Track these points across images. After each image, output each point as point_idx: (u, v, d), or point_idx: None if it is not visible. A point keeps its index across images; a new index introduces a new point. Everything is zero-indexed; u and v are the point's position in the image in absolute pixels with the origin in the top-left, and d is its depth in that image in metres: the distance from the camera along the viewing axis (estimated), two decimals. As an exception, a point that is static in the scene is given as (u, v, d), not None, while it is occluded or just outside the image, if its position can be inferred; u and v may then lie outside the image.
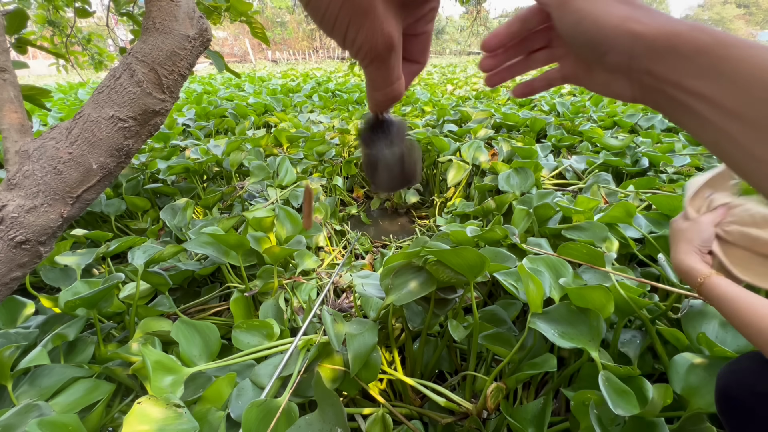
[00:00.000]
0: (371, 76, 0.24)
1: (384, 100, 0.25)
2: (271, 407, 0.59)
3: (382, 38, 0.21)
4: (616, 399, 0.55)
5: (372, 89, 0.25)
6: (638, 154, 1.65)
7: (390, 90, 0.24)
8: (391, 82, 0.24)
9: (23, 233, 0.68)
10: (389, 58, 0.22)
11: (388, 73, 0.23)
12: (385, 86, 0.24)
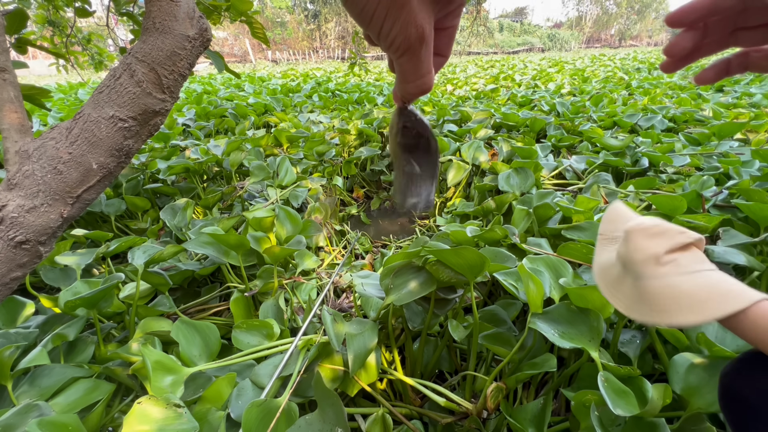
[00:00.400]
0: (403, 67, 0.24)
1: (415, 92, 0.26)
2: (271, 407, 0.59)
3: (415, 30, 0.22)
4: (616, 399, 0.55)
5: (403, 81, 0.25)
6: (638, 154, 1.65)
7: (421, 82, 0.25)
8: (422, 75, 0.24)
9: (23, 233, 0.68)
10: (421, 50, 0.23)
11: (420, 65, 0.24)
12: (416, 78, 0.25)
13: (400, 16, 0.21)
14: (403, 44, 0.22)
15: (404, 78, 0.25)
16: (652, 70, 6.29)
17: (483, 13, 4.72)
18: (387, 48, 0.23)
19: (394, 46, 0.23)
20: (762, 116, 2.21)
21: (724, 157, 1.52)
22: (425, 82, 0.25)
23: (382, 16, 0.21)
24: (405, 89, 0.26)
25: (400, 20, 0.21)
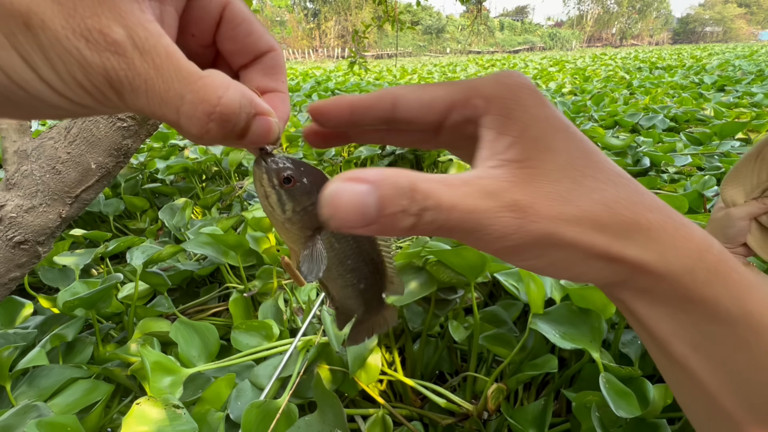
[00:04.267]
0: (135, 82, 0.14)
1: (203, 121, 0.15)
2: (270, 408, 0.59)
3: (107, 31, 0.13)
4: (617, 400, 0.55)
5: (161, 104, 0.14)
6: (639, 153, 1.65)
7: (199, 91, 0.14)
8: (190, 80, 0.14)
9: (22, 233, 0.67)
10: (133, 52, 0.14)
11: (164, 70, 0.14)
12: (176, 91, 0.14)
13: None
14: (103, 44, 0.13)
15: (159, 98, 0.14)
16: (653, 69, 6.28)
17: (484, 11, 4.70)
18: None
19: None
20: (763, 116, 2.21)
21: (725, 157, 1.52)
22: (207, 91, 0.14)
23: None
24: (186, 121, 0.14)
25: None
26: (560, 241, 0.15)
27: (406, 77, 6.61)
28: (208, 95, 0.14)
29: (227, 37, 0.18)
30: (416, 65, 11.53)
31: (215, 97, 0.14)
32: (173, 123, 0.14)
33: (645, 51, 17.72)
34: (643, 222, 0.15)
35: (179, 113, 0.14)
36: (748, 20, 61.12)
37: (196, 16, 0.17)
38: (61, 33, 0.12)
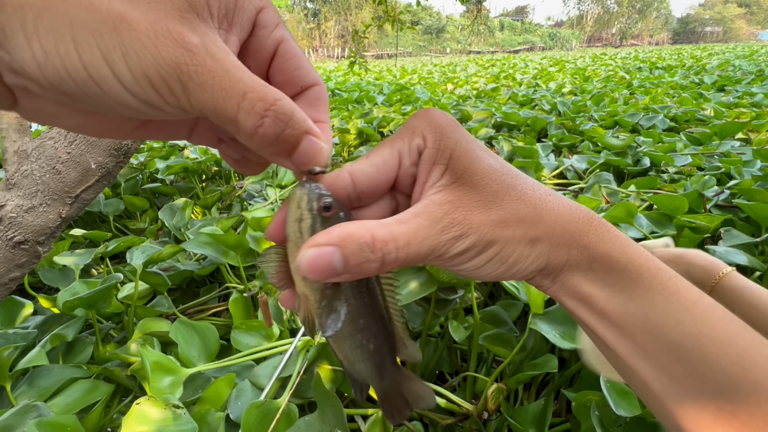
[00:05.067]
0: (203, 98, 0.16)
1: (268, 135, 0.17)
2: (270, 408, 0.59)
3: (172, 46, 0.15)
4: (618, 400, 0.55)
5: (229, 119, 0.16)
6: (639, 153, 1.65)
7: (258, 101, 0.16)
8: (240, 91, 0.16)
9: (22, 233, 0.67)
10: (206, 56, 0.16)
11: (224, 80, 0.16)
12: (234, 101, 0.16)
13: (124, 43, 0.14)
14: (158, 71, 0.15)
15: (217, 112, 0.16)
16: (653, 69, 6.28)
17: (484, 11, 4.71)
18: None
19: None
20: (763, 116, 2.21)
21: (725, 157, 1.52)
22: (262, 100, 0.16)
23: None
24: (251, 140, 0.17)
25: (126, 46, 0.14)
26: (494, 239, 0.19)
27: (406, 77, 6.61)
28: (268, 95, 0.16)
29: (279, 69, 0.20)
30: (416, 65, 11.53)
31: (273, 98, 0.16)
32: (231, 118, 0.16)
33: (645, 51, 17.72)
34: (546, 205, 0.20)
35: (239, 107, 0.16)
36: (748, 20, 61.10)
37: (255, 48, 0.19)
38: (144, 34, 0.14)
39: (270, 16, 0.19)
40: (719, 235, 0.94)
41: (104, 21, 0.14)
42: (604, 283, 0.20)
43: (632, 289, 0.20)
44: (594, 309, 0.20)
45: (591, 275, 0.20)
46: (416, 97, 3.62)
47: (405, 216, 0.19)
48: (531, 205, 0.20)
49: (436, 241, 0.18)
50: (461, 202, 0.19)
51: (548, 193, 0.21)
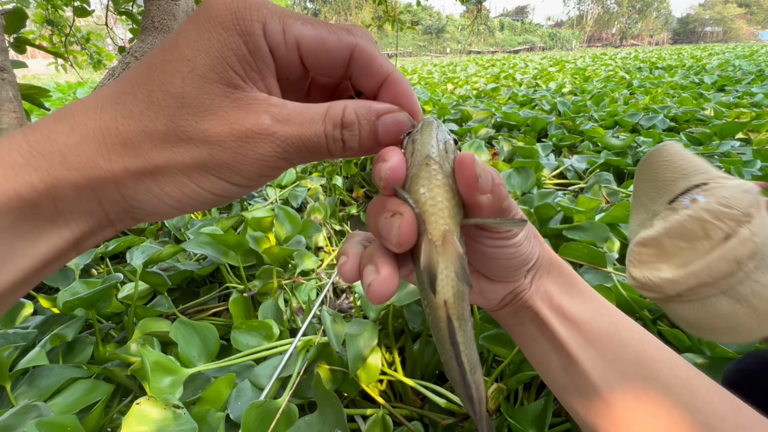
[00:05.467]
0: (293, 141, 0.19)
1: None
2: (270, 408, 0.59)
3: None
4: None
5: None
6: (640, 153, 1.65)
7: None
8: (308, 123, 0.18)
9: (21, 233, 0.67)
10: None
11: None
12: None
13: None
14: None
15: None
16: (653, 69, 6.28)
17: (484, 11, 4.71)
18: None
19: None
20: (763, 116, 2.21)
21: (725, 157, 1.52)
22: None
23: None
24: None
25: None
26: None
27: (406, 77, 6.60)
28: (335, 115, 0.18)
29: (359, 74, 0.21)
30: (416, 65, 11.53)
31: (338, 116, 0.18)
32: (318, 135, 0.18)
33: (645, 51, 17.72)
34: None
35: (325, 129, 0.18)
36: (748, 20, 61.09)
37: (330, 65, 0.20)
38: (233, 147, 0.17)
39: (365, 51, 0.20)
40: (719, 235, 0.94)
41: (201, 155, 0.17)
42: (558, 287, 0.25)
43: (580, 294, 0.25)
44: (563, 314, 0.24)
45: (552, 278, 0.25)
46: (416, 96, 3.62)
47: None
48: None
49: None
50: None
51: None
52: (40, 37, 2.21)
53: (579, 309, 0.24)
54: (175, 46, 0.16)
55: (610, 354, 0.22)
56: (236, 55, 0.16)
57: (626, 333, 0.23)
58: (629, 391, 0.22)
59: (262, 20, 0.16)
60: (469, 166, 0.18)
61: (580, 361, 0.23)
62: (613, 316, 0.24)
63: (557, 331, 0.23)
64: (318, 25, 0.18)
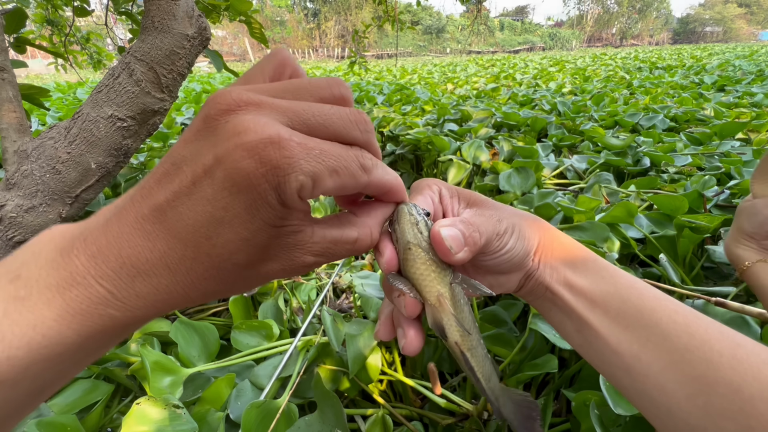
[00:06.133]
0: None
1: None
2: (270, 408, 0.59)
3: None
4: (617, 399, 0.55)
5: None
6: (639, 153, 1.65)
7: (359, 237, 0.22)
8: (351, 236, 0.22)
9: (21, 233, 0.67)
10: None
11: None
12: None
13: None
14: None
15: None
16: (653, 69, 6.28)
17: (484, 11, 4.70)
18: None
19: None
20: (763, 116, 2.21)
21: (725, 157, 1.52)
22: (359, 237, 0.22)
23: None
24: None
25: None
26: (514, 223, 0.28)
27: (406, 77, 6.61)
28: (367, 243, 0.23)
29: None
30: (416, 65, 11.53)
31: (351, 239, 0.22)
32: (353, 238, 0.22)
33: (645, 51, 17.72)
34: (518, 209, 0.30)
35: (357, 239, 0.22)
36: (748, 20, 61.05)
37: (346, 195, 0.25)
38: (285, 277, 0.21)
39: (380, 185, 0.22)
40: (719, 235, 0.94)
41: (259, 282, 0.20)
42: (562, 261, 0.29)
43: (583, 264, 0.28)
44: (569, 284, 0.28)
45: (556, 254, 0.29)
46: (416, 97, 3.62)
47: (465, 215, 0.27)
48: (514, 210, 0.30)
49: (491, 223, 0.26)
50: (482, 209, 0.28)
51: (516, 209, 0.31)
52: (40, 37, 2.20)
53: (582, 277, 0.28)
54: (228, 224, 0.17)
55: (613, 311, 0.26)
56: (278, 218, 0.18)
57: (626, 290, 0.26)
58: (634, 340, 0.25)
59: (297, 187, 0.17)
60: (439, 243, 0.24)
61: (589, 322, 0.26)
62: (615, 278, 0.27)
63: (566, 300, 0.27)
64: (343, 171, 0.19)
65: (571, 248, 0.29)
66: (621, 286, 0.26)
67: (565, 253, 0.29)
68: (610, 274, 0.27)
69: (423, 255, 0.24)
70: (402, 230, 0.24)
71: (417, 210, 0.24)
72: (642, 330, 0.24)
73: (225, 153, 0.16)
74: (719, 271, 0.99)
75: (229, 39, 37.04)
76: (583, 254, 0.29)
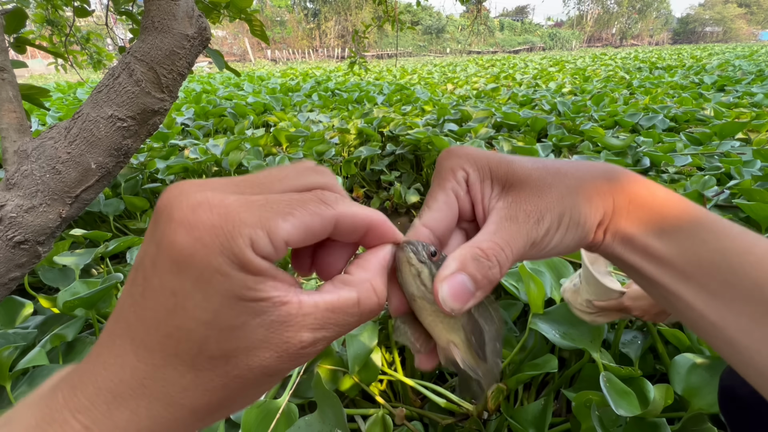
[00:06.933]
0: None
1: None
2: (270, 408, 0.59)
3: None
4: (618, 400, 0.55)
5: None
6: (639, 153, 1.65)
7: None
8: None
9: (22, 233, 0.67)
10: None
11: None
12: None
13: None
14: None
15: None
16: (653, 69, 6.28)
17: (484, 12, 4.71)
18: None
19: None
20: (763, 116, 2.21)
21: (725, 157, 1.52)
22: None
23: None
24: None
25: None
26: (563, 210, 0.22)
27: (406, 77, 6.61)
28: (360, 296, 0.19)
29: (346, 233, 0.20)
30: (416, 65, 11.53)
31: (351, 301, 0.18)
32: (353, 300, 0.18)
33: (645, 51, 17.72)
34: (580, 170, 0.24)
35: (358, 299, 0.18)
36: (748, 20, 61.07)
37: (318, 239, 0.19)
38: (287, 368, 0.17)
39: (347, 218, 0.19)
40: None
41: (264, 380, 0.17)
42: (640, 227, 0.23)
43: (674, 226, 0.23)
44: (648, 254, 0.23)
45: (632, 219, 0.23)
46: (416, 97, 3.62)
47: (490, 228, 0.22)
48: (570, 176, 0.23)
49: (525, 231, 0.22)
50: (521, 198, 0.22)
51: (572, 162, 0.24)
52: (40, 37, 2.20)
53: (671, 243, 0.22)
54: (182, 311, 0.15)
55: (715, 283, 0.21)
56: (242, 287, 0.15)
57: (738, 258, 0.21)
58: (744, 315, 0.21)
59: (248, 243, 0.15)
60: (440, 304, 0.20)
61: (679, 294, 0.22)
62: (723, 241, 0.22)
63: (646, 270, 0.23)
64: (299, 210, 0.16)
65: (660, 206, 0.23)
66: (731, 252, 0.21)
67: (650, 215, 0.23)
68: (716, 236, 0.22)
69: (428, 306, 0.21)
70: (404, 282, 0.21)
71: (418, 255, 0.21)
72: (756, 305, 0.20)
73: (161, 235, 0.15)
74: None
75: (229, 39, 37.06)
76: (676, 212, 0.23)
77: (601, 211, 0.23)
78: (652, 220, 0.23)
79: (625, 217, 0.23)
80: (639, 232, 0.23)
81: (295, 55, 36.98)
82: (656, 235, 0.23)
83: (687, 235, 0.22)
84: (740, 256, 0.21)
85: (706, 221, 0.22)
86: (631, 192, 0.23)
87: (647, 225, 0.23)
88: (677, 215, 0.23)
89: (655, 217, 0.23)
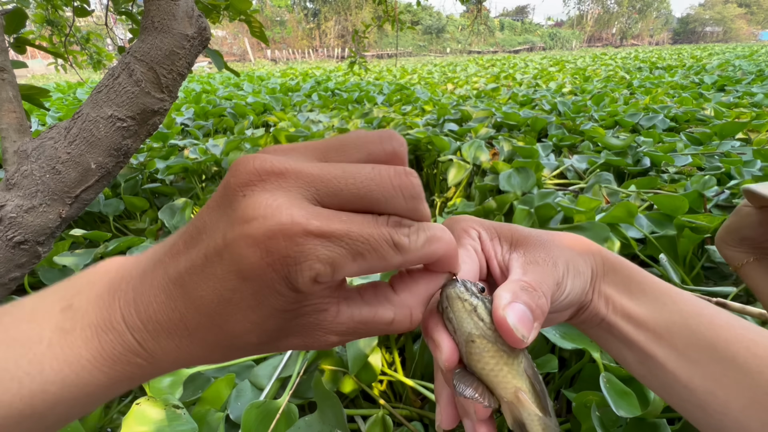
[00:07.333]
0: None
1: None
2: (270, 408, 0.59)
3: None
4: (618, 400, 0.55)
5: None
6: (640, 153, 1.65)
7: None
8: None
9: (21, 233, 0.67)
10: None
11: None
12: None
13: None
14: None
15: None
16: (653, 69, 6.28)
17: (484, 11, 4.71)
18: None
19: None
20: (763, 116, 2.21)
21: (725, 157, 1.52)
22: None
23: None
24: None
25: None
26: (568, 259, 0.25)
27: (406, 77, 6.61)
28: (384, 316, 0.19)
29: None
30: (416, 65, 11.53)
31: (386, 320, 0.19)
32: (387, 320, 0.19)
33: (645, 51, 17.72)
34: (566, 236, 0.27)
35: (393, 320, 0.19)
36: (748, 20, 61.05)
37: None
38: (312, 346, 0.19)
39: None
40: (719, 235, 0.94)
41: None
42: (617, 288, 0.25)
43: (640, 290, 0.25)
44: (626, 314, 0.24)
45: (608, 280, 0.25)
46: (416, 97, 3.62)
47: (518, 272, 0.23)
48: (559, 237, 0.26)
49: (549, 272, 0.23)
50: (531, 250, 0.24)
51: (559, 232, 0.27)
52: (40, 37, 2.20)
53: (641, 306, 0.24)
54: (235, 307, 0.16)
55: (681, 343, 0.23)
56: (291, 303, 0.16)
57: (694, 319, 0.23)
58: (707, 376, 0.22)
59: (314, 276, 0.15)
60: (509, 333, 0.19)
61: (653, 355, 0.23)
62: (678, 304, 0.24)
63: (624, 331, 0.24)
64: (370, 255, 0.16)
65: (624, 272, 0.26)
66: (687, 315, 0.23)
67: (619, 279, 0.25)
68: (673, 300, 0.24)
69: (490, 347, 0.19)
70: (459, 321, 0.20)
71: (470, 290, 0.20)
72: (716, 365, 0.22)
73: (232, 240, 0.15)
74: (719, 271, 0.99)
75: (229, 39, 37.06)
76: (638, 278, 0.25)
77: (590, 266, 0.25)
78: (624, 282, 0.25)
79: (603, 278, 0.26)
80: (615, 292, 0.25)
81: (294, 55, 36.98)
82: (629, 297, 0.25)
83: (651, 297, 0.24)
84: (694, 317, 0.23)
85: (660, 285, 0.25)
86: (604, 255, 0.26)
87: (621, 287, 0.25)
88: (639, 280, 0.25)
89: (626, 279, 0.25)
